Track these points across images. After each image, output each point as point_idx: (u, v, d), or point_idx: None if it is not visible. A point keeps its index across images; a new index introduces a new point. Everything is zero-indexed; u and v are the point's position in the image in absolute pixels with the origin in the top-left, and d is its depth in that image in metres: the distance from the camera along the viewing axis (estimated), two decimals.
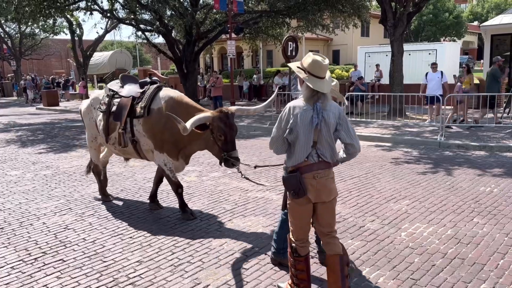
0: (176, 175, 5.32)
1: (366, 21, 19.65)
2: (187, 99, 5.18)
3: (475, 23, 45.50)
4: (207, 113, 4.63)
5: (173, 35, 19.45)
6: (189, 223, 5.14)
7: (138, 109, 5.16)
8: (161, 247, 4.46)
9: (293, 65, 3.06)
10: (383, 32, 34.93)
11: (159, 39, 21.34)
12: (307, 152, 2.94)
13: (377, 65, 19.68)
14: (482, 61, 25.13)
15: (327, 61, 3.00)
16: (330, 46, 38.84)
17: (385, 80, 17.38)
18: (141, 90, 5.31)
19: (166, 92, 5.23)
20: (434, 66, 11.90)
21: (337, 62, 36.96)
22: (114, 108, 5.31)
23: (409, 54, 22.41)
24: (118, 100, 5.34)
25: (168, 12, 18.03)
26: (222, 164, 4.68)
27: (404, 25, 12.79)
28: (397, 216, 5.16)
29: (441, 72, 11.80)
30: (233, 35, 15.79)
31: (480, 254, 4.07)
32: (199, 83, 22.39)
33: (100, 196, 6.19)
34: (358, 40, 36.01)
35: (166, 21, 18.13)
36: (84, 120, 5.93)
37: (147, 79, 5.58)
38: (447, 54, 21.29)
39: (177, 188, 5.23)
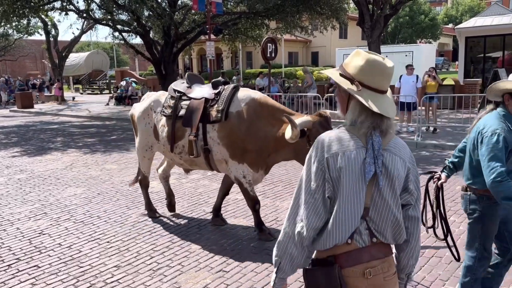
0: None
1: (344, 23, 19.86)
2: (271, 100, 4.52)
3: (450, 25, 46.54)
4: (306, 117, 3.96)
5: (151, 36, 19.23)
6: (168, 226, 5.07)
7: (213, 113, 4.46)
8: (139, 252, 4.38)
9: (333, 73, 1.81)
10: (361, 34, 35.37)
11: (136, 40, 21.07)
12: (353, 227, 1.68)
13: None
14: (457, 62, 25.72)
15: (391, 63, 1.73)
16: (309, 47, 39.15)
17: None
18: (215, 91, 4.62)
19: (246, 93, 4.53)
20: (410, 68, 11.35)
21: (316, 63, 37.28)
22: (182, 112, 4.60)
23: (386, 56, 22.50)
24: (187, 102, 4.64)
25: (146, 13, 17.80)
26: None
27: (381, 27, 12.97)
28: None
29: (417, 76, 11.32)
30: (212, 36, 15.73)
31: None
32: None
33: (145, 212, 5.53)
34: (336, 42, 36.40)
35: (143, 21, 17.91)
36: (139, 125, 5.12)
37: (220, 79, 4.91)
38: (423, 56, 21.69)
39: (255, 204, 4.58)
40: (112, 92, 26.32)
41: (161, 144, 4.89)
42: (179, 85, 4.88)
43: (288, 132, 3.69)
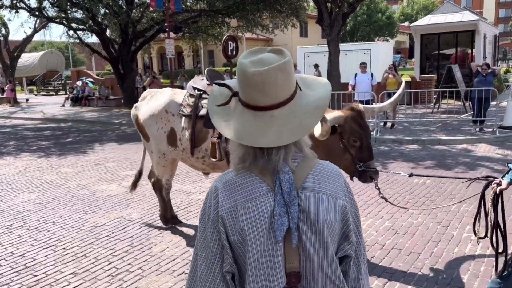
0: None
1: (303, 22, 20.06)
2: None
3: (406, 23, 48.04)
4: (338, 112, 3.59)
5: (107, 34, 18.72)
6: (128, 230, 4.91)
7: None
8: (97, 257, 4.22)
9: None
10: (321, 33, 35.92)
11: (92, 39, 20.44)
12: None
13: (316, 65, 20.17)
14: (413, 59, 26.58)
15: (258, 67, 1.17)
16: (271, 46, 38.69)
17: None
18: None
19: None
20: (363, 66, 11.39)
21: None
22: (203, 111, 4.14)
23: (346, 54, 23.16)
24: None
25: (102, 10, 17.31)
26: (354, 178, 3.57)
27: (340, 25, 13.18)
28: None
29: (371, 73, 11.43)
30: (172, 34, 15.47)
31: (416, 243, 4.24)
32: (138, 85, 21.73)
33: (161, 221, 5.02)
34: (297, 40, 36.74)
35: (99, 19, 17.40)
36: (148, 130, 4.53)
37: None
38: (381, 53, 22.26)
39: None
40: (67, 93, 25.39)
41: (179, 150, 4.38)
42: (199, 82, 4.45)
43: (317, 129, 3.34)
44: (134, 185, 5.27)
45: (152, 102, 4.57)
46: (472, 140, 9.39)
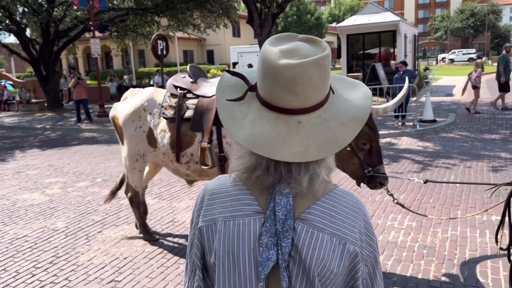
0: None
1: (235, 22, 20.12)
2: None
3: (334, 24, 49.95)
4: None
5: (27, 34, 17.55)
6: (52, 240, 4.63)
7: None
8: (18, 271, 3.94)
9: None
10: (253, 33, 36.34)
11: (11, 39, 19.08)
12: None
13: (250, 65, 20.36)
14: (341, 59, 27.72)
15: (289, 61, 0.92)
16: (203, 46, 39.04)
17: None
18: None
19: None
20: None
21: (212, 62, 37.37)
22: (189, 113, 3.79)
23: None
24: (194, 101, 3.84)
25: (20, 9, 16.19)
26: (362, 183, 3.28)
27: (270, 25, 13.40)
28: None
29: None
30: (98, 34, 14.84)
31: None
32: (62, 87, 20.60)
33: (141, 234, 4.62)
34: (230, 40, 36.85)
35: (18, 18, 16.27)
36: (125, 130, 4.17)
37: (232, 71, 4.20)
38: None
39: None
40: None
41: (159, 152, 4.03)
42: (180, 80, 4.02)
43: None
44: (113, 194, 4.80)
45: (131, 100, 4.21)
46: (395, 134, 9.97)
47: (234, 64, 19.76)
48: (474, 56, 51.74)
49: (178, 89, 3.93)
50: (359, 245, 0.95)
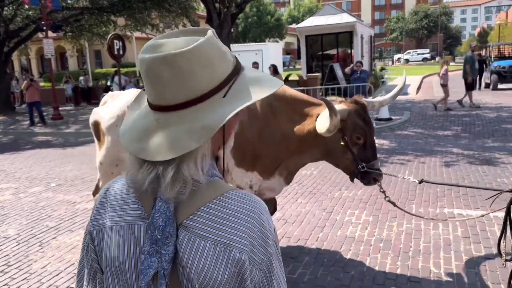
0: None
1: (194, 22, 19.95)
2: (290, 90, 3.54)
3: (293, 25, 50.61)
4: (340, 105, 3.16)
5: None
6: (3, 248, 4.42)
7: None
8: None
9: None
10: None
11: None
12: None
13: None
14: (301, 60, 28.12)
15: (152, 53, 0.90)
16: None
17: None
18: None
19: None
20: (255, 65, 11.96)
21: None
22: None
23: (239, 54, 23.59)
24: None
25: None
26: (355, 179, 3.26)
27: (229, 25, 13.39)
28: None
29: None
30: (51, 34, 14.30)
31: (304, 230, 4.47)
32: (14, 89, 19.72)
33: None
34: None
35: None
36: (108, 136, 3.85)
37: None
38: (271, 54, 23.12)
39: None
40: None
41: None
42: None
43: (322, 123, 2.97)
44: None
45: (114, 103, 3.94)
46: None
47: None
48: (428, 56, 53.88)
49: None
50: (249, 251, 0.89)
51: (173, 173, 0.88)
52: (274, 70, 12.36)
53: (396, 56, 59.08)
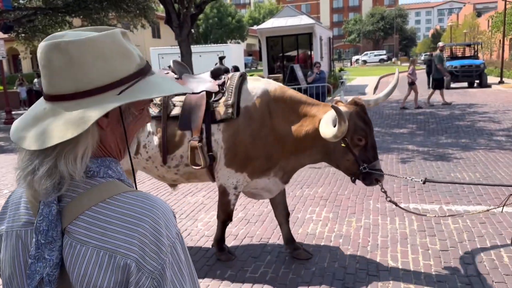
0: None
1: (153, 22, 19.66)
2: (289, 91, 3.53)
3: (255, 27, 50.84)
4: (341, 107, 3.12)
5: None
6: None
7: (220, 109, 3.39)
8: None
9: None
10: (174, 34, 35.78)
11: None
12: None
13: (170, 67, 20.01)
14: (262, 61, 28.32)
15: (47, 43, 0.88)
16: None
17: None
18: (218, 82, 3.56)
19: (257, 84, 3.52)
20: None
21: None
22: (176, 111, 3.48)
23: (200, 56, 23.50)
24: (181, 98, 3.54)
25: None
26: (357, 180, 3.32)
27: (189, 26, 13.28)
28: (194, 208, 5.29)
29: None
30: (2, 35, 13.68)
31: (266, 229, 4.49)
32: None
33: None
34: (150, 41, 35.93)
35: None
36: None
37: (221, 66, 3.85)
38: (233, 55, 23.13)
39: (228, 219, 3.76)
40: None
41: (141, 158, 3.58)
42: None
43: (327, 128, 2.97)
44: None
45: None
46: None
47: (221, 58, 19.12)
48: (385, 57, 55.57)
49: None
50: (138, 257, 0.84)
51: (48, 166, 0.85)
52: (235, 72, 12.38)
53: (354, 58, 60.64)
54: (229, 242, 4.21)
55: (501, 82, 20.29)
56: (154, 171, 3.67)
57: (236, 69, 12.63)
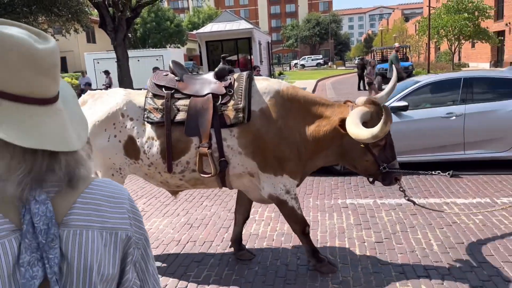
0: None
1: (87, 26, 18.96)
2: (302, 91, 3.44)
3: (195, 31, 50.52)
4: (363, 107, 3.11)
5: None
6: None
7: (230, 113, 3.21)
8: None
9: None
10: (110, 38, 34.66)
11: None
12: None
13: (107, 72, 19.40)
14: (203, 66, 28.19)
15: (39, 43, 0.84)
16: None
17: (117, 86, 17.31)
18: (224, 83, 3.34)
19: (267, 84, 3.36)
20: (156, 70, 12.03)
21: (65, 69, 34.60)
22: (181, 116, 3.27)
23: (138, 60, 22.99)
24: (184, 102, 3.32)
25: None
26: (376, 181, 3.30)
27: (125, 30, 12.97)
28: None
29: None
30: None
31: (209, 233, 4.48)
32: None
33: None
34: (85, 47, 34.61)
35: None
36: (93, 141, 3.32)
37: (225, 66, 3.56)
38: (173, 59, 22.80)
39: (305, 227, 3.47)
40: None
41: (143, 164, 3.39)
42: (163, 78, 3.46)
43: (359, 129, 2.92)
44: None
45: (98, 105, 3.49)
46: None
47: (106, 72, 18.68)
48: (321, 61, 57.48)
49: (163, 88, 3.38)
50: (131, 230, 0.94)
51: (63, 164, 0.86)
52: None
53: (293, 62, 62.11)
54: (172, 248, 4.16)
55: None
56: (157, 177, 3.47)
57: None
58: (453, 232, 4.14)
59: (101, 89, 15.90)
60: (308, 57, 60.38)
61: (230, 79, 3.37)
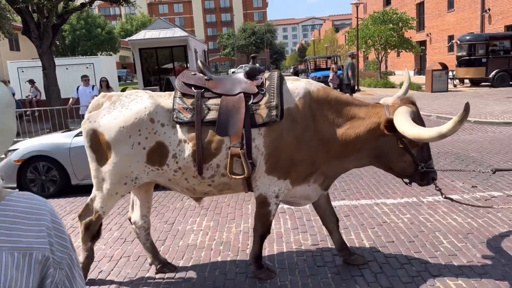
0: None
1: (10, 33, 17.75)
2: (334, 92, 3.34)
3: (127, 39, 49.14)
4: (404, 107, 3.04)
5: None
6: None
7: (262, 112, 3.11)
8: None
9: None
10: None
11: None
12: None
13: (31, 81, 18.29)
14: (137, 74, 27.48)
15: None
16: None
17: (43, 95, 16.37)
18: (255, 83, 3.24)
19: (298, 84, 3.26)
20: (85, 79, 11.44)
21: None
22: (212, 115, 3.14)
23: (67, 68, 21.93)
24: (215, 101, 3.20)
25: None
26: (412, 182, 3.28)
27: (51, 37, 12.28)
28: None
29: (93, 86, 11.71)
30: None
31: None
32: None
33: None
34: (8, 55, 32.35)
35: None
36: (116, 148, 3.17)
37: (256, 65, 3.49)
38: (104, 68, 22.03)
39: (267, 232, 3.46)
40: None
41: (167, 170, 3.22)
42: (193, 77, 3.31)
43: (416, 129, 2.86)
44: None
45: (123, 110, 3.23)
46: None
47: (31, 81, 17.65)
48: None
49: (193, 87, 3.26)
50: (49, 249, 0.86)
51: None
52: (106, 85, 11.87)
53: (230, 70, 62.35)
54: (104, 264, 3.95)
55: (358, 90, 22.74)
56: (182, 184, 3.30)
57: (106, 81, 12.01)
58: (383, 232, 4.32)
59: (30, 99, 14.76)
60: (245, 66, 60.93)
61: (261, 78, 3.33)
